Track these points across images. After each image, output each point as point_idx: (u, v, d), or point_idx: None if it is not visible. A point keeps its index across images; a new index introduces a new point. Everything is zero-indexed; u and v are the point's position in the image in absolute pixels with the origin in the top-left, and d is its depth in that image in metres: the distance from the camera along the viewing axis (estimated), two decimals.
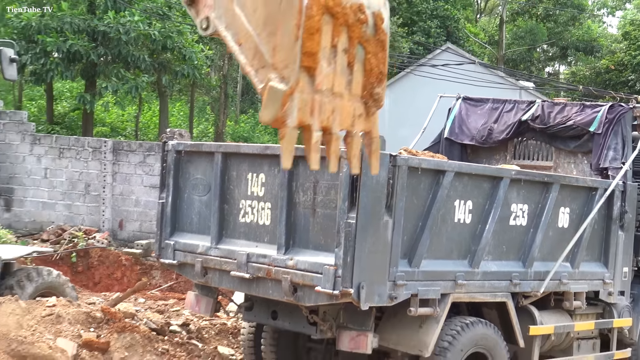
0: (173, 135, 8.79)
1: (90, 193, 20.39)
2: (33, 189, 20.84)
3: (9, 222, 20.61)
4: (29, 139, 20.89)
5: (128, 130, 30.98)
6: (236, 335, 10.28)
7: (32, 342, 7.37)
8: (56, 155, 20.74)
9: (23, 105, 29.60)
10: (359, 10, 3.90)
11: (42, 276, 10.52)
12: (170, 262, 8.61)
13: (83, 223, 20.23)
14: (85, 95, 23.09)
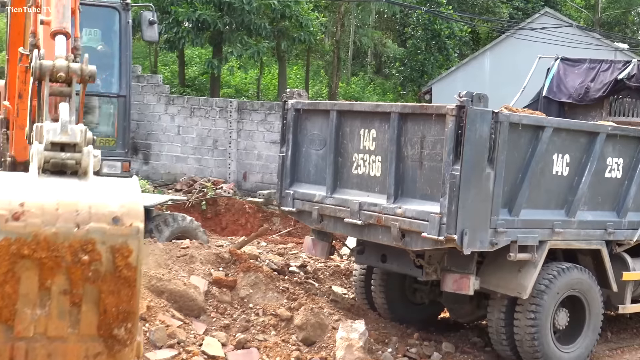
0: (292, 95, 8.83)
1: (218, 148, 20.73)
2: (167, 145, 21.32)
3: (147, 174, 21.19)
4: (163, 100, 21.34)
5: (250, 92, 31.28)
6: (348, 277, 10.35)
7: (169, 279, 7.56)
8: (187, 115, 21.13)
9: (158, 70, 30.20)
10: (82, 250, 3.18)
11: (177, 221, 10.78)
12: (290, 210, 8.72)
13: (211, 175, 20.61)
14: (213, 61, 23.40)
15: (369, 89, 36.01)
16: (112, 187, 3.36)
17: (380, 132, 7.79)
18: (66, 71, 3.94)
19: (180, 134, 21.18)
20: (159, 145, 21.37)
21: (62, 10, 4.48)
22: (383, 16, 39.64)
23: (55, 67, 3.91)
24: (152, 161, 21.46)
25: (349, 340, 7.32)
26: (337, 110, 8.23)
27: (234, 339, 7.30)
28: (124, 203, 3.24)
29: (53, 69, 3.91)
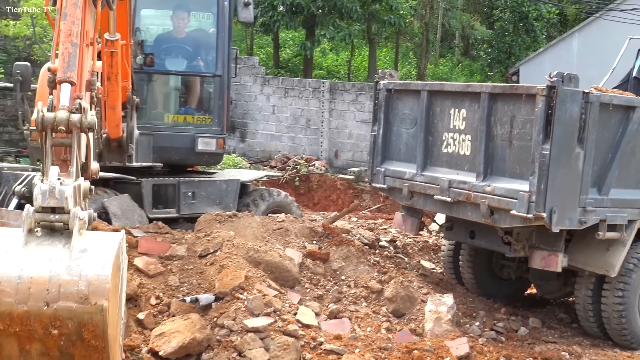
0: (384, 75, 8.78)
1: (310, 127, 20.81)
2: (263, 123, 21.53)
3: (244, 151, 21.47)
4: (259, 80, 21.53)
5: (341, 73, 31.25)
6: (437, 252, 10.28)
7: (266, 251, 7.64)
8: (282, 95, 21.27)
9: (254, 52, 30.46)
10: (52, 325, 3.41)
11: (273, 196, 10.88)
12: (381, 186, 8.69)
13: (304, 152, 20.73)
14: (306, 43, 23.48)
15: (456, 70, 35.53)
16: (90, 256, 3.52)
17: (470, 112, 7.67)
18: (66, 124, 4.02)
19: (275, 113, 21.35)
20: (255, 124, 21.60)
21: (68, 58, 4.41)
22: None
23: (56, 120, 4.00)
24: (249, 139, 21.72)
25: (437, 313, 7.29)
26: (428, 90, 8.14)
27: (327, 309, 7.34)
28: (92, 281, 3.44)
29: (54, 122, 4.00)
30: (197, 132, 10.18)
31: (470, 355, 6.73)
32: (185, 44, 10.49)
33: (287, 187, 17.84)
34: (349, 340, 6.71)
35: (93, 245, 3.66)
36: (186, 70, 10.46)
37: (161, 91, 10.43)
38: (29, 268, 3.49)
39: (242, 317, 6.41)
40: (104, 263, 3.57)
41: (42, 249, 3.60)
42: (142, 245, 7.41)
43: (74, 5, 4.54)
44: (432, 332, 7.13)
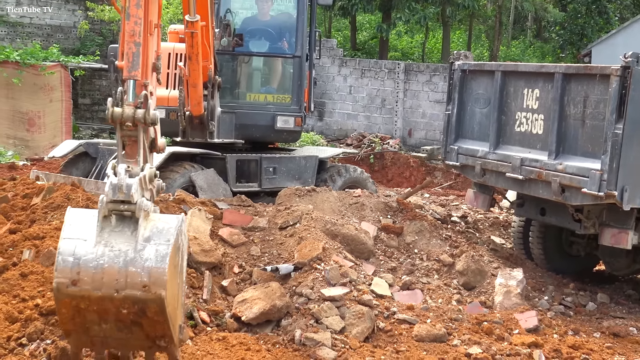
0: (459, 56, 8.64)
1: (385, 106, 20.70)
2: (340, 103, 21.50)
3: (321, 129, 21.50)
4: (337, 62, 21.48)
5: (415, 55, 30.93)
6: (507, 228, 10.12)
7: (342, 224, 7.64)
8: (358, 76, 21.19)
9: (332, 35, 30.38)
10: (122, 306, 4.08)
11: (349, 172, 10.86)
12: (454, 164, 8.59)
13: (379, 131, 20.65)
14: (383, 25, 23.31)
15: (528, 52, 34.74)
16: (152, 248, 4.16)
17: (543, 92, 7.50)
18: (132, 119, 4.43)
19: (352, 94, 21.29)
20: (332, 104, 21.59)
21: (132, 57, 4.63)
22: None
23: (124, 116, 4.42)
24: (326, 118, 21.73)
25: (507, 286, 7.19)
26: (502, 70, 7.98)
27: (400, 280, 7.31)
28: (152, 273, 4.08)
29: (122, 118, 4.44)
30: (276, 111, 10.24)
31: (538, 329, 6.62)
32: (268, 27, 10.53)
33: (362, 164, 17.81)
34: (420, 311, 6.68)
35: (155, 235, 4.24)
36: (268, 51, 10.51)
37: (244, 71, 10.50)
38: (102, 260, 4.10)
39: (319, 287, 6.44)
40: (163, 256, 4.14)
41: (114, 237, 4.20)
42: (227, 217, 7.50)
43: (135, 6, 4.69)
44: (502, 305, 7.04)
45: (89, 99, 21.42)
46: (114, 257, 4.13)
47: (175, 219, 4.36)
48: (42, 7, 20.36)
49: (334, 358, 5.71)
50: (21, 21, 19.86)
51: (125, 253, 4.16)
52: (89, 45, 20.76)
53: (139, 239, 4.19)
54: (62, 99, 17.98)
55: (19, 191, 7.61)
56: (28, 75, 17.13)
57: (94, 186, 8.12)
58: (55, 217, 6.82)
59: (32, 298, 5.77)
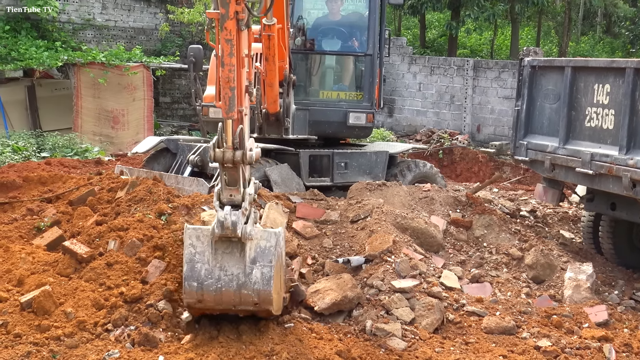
0: (529, 52, 8.47)
1: (454, 103, 20.46)
2: (409, 100, 21.35)
3: (391, 125, 21.39)
4: (407, 59, 21.34)
5: (484, 52, 30.47)
6: (576, 222, 9.87)
7: (412, 218, 7.58)
8: (428, 73, 21.00)
9: (401, 33, 30.18)
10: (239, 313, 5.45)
11: (419, 167, 10.77)
12: (523, 159, 8.43)
13: (448, 127, 20.43)
14: (452, 23, 23.03)
15: (597, 47, 33.80)
16: (258, 272, 5.26)
17: (614, 87, 7.27)
18: (231, 161, 5.12)
19: (421, 90, 21.13)
20: (402, 100, 21.47)
21: (228, 101, 5.05)
22: None
23: (225, 158, 5.11)
24: (396, 114, 21.62)
25: (577, 280, 7.01)
26: (572, 66, 7.78)
27: (469, 273, 7.22)
28: (261, 294, 5.25)
29: (223, 160, 5.12)
30: (348, 107, 10.24)
31: (608, 323, 6.45)
32: (340, 26, 10.53)
33: (431, 159, 17.65)
34: (489, 304, 6.58)
35: (259, 256, 5.27)
36: (340, 50, 10.52)
37: (317, 70, 10.52)
38: (220, 284, 5.24)
39: (389, 278, 6.41)
40: (268, 279, 5.25)
41: (226, 259, 5.27)
42: (300, 211, 7.53)
43: (229, 55, 5.01)
44: (571, 298, 6.88)
45: (169, 98, 21.80)
46: (229, 281, 5.23)
47: (274, 236, 5.30)
48: (126, 10, 20.82)
49: (404, 348, 5.68)
50: (106, 24, 20.34)
51: (237, 277, 5.24)
52: (169, 46, 21.13)
53: (247, 261, 5.24)
54: (145, 97, 18.36)
55: (104, 185, 7.80)
56: (113, 75, 17.54)
57: (174, 180, 8.26)
58: (138, 209, 6.96)
59: (117, 286, 5.91)
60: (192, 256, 5.26)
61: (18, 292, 5.85)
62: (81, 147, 15.34)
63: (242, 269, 5.22)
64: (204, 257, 5.24)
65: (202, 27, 20.05)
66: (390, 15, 30.83)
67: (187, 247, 5.27)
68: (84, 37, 19.90)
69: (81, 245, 6.38)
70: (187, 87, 21.00)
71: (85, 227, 6.88)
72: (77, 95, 17.37)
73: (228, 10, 4.95)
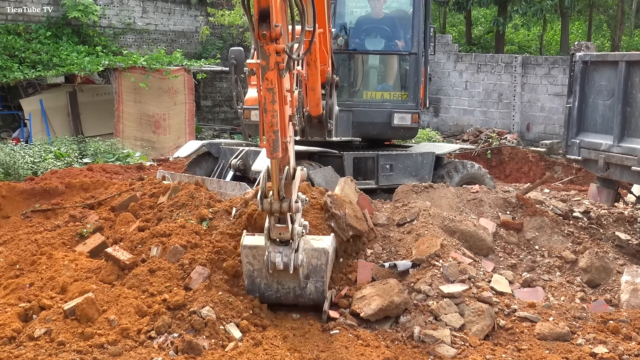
0: (580, 47, 8.33)
1: (502, 101, 20.25)
2: (455, 99, 21.20)
3: (437, 125, 21.26)
4: (452, 57, 21.18)
5: (532, 48, 30.13)
6: (632, 223, 9.66)
7: (460, 221, 7.50)
8: (474, 71, 20.82)
9: (447, 31, 29.99)
10: None
11: (467, 168, 10.67)
12: (576, 158, 8.29)
13: (496, 126, 20.22)
14: (499, 19, 22.82)
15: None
16: (312, 284, 6.01)
17: None
18: (279, 212, 5.58)
19: (467, 89, 20.95)
20: (448, 99, 21.32)
21: (272, 144, 5.26)
22: None
23: (272, 209, 5.58)
24: (442, 114, 21.48)
25: (634, 284, 6.85)
26: (627, 60, 7.63)
27: (521, 277, 7.11)
28: (315, 301, 6.06)
29: (270, 210, 5.58)
30: (393, 108, 10.17)
31: None
32: (383, 25, 10.48)
33: (479, 159, 17.48)
34: (542, 309, 6.47)
35: (312, 273, 6.01)
36: (384, 49, 10.46)
37: (360, 70, 10.49)
38: (280, 294, 6.07)
39: (437, 283, 6.35)
40: (321, 292, 6.01)
41: (282, 275, 5.95)
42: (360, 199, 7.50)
43: (271, 102, 5.15)
44: (629, 303, 6.72)
45: (211, 101, 21.99)
46: (286, 293, 5.97)
47: (324, 255, 5.96)
48: (166, 14, 21.05)
49: (453, 355, 5.61)
50: (147, 28, 20.60)
51: (294, 290, 5.96)
52: (210, 49, 21.31)
53: (301, 277, 5.92)
54: (186, 101, 18.54)
55: (146, 190, 7.88)
56: (154, 79, 17.75)
57: (216, 185, 8.31)
58: (180, 215, 7.01)
59: (160, 293, 5.96)
60: (251, 273, 5.95)
61: (61, 300, 5.94)
62: (123, 152, 15.55)
63: (297, 283, 5.93)
64: (262, 273, 5.93)
65: (242, 29, 20.18)
66: (435, 12, 30.65)
67: (245, 264, 5.94)
68: (124, 41, 20.18)
69: (124, 252, 6.45)
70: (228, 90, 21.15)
71: (128, 234, 6.96)
72: (119, 100, 17.61)
73: (269, 62, 5.00)
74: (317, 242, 6.08)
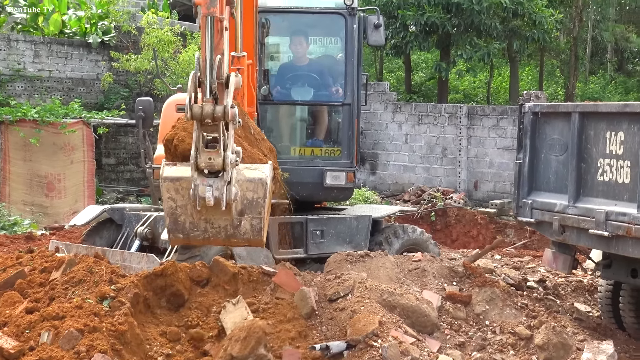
0: (530, 97, 8.63)
1: (447, 156, 20.65)
2: (395, 154, 21.53)
3: (374, 184, 21.51)
4: (390, 107, 21.59)
5: (479, 96, 30.96)
6: (592, 293, 9.92)
7: (401, 294, 7.56)
8: (415, 122, 21.24)
9: (384, 77, 30.61)
10: None
11: (407, 233, 10.77)
12: (528, 220, 8.49)
13: (440, 184, 20.56)
14: (441, 64, 23.41)
15: (609, 88, 34.51)
16: (247, 222, 6.01)
17: (629, 135, 7.40)
18: (211, 116, 5.43)
19: (408, 142, 21.32)
20: (386, 155, 21.63)
21: None
22: (625, 8, 37.87)
23: (204, 113, 5.43)
24: (379, 171, 21.76)
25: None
26: (580, 111, 7.91)
27: (470, 357, 7.18)
28: (251, 242, 6.14)
29: (201, 115, 5.44)
30: (325, 166, 10.24)
31: None
32: (311, 72, 10.61)
33: (422, 222, 17.71)
34: None
35: (248, 209, 5.83)
36: (313, 99, 10.57)
37: (287, 122, 10.58)
38: (208, 234, 5.98)
39: None
40: (258, 230, 5.94)
41: (211, 212, 5.79)
42: (280, 277, 7.45)
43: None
44: None
45: (114, 159, 21.79)
46: (216, 233, 5.79)
47: (262, 188, 5.81)
48: (62, 58, 20.94)
49: None
50: (39, 75, 20.42)
51: (225, 229, 5.79)
52: (113, 98, 21.22)
53: (234, 214, 5.74)
54: (85, 159, 18.34)
55: (36, 265, 7.71)
56: (47, 134, 17.54)
57: (119, 257, 8.20)
58: (77, 293, 6.88)
59: None
60: (174, 210, 5.78)
61: None
62: (9, 220, 15.22)
63: (229, 222, 5.80)
64: (186, 211, 5.77)
65: (151, 76, 20.20)
66: (369, 56, 31.32)
67: (166, 201, 5.79)
68: (12, 90, 19.95)
69: (8, 339, 6.27)
70: (134, 145, 21.02)
71: (14, 317, 6.78)
72: (5, 159, 17.32)
73: None
74: (253, 172, 5.90)
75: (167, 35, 19.77)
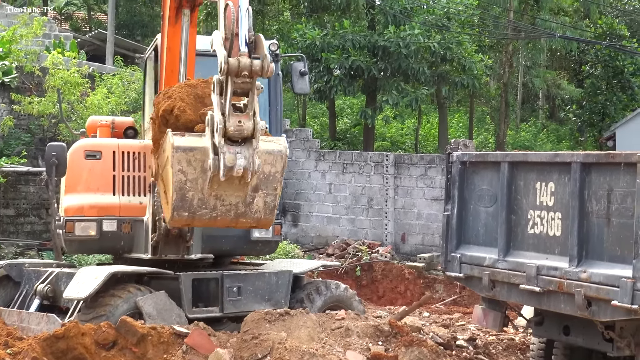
0: (457, 146, 8.76)
1: (373, 207, 20.78)
2: (318, 204, 21.58)
3: (296, 237, 21.49)
4: (313, 155, 21.68)
5: (407, 144, 31.36)
6: (525, 351, 10.04)
7: (323, 355, 7.54)
8: (339, 171, 21.36)
9: (307, 123, 30.79)
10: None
11: (331, 289, 10.76)
12: (457, 275, 8.57)
13: (366, 237, 20.66)
14: (367, 110, 23.65)
15: (541, 136, 35.35)
16: (261, 199, 6.01)
17: (559, 186, 7.57)
18: (249, 69, 5.52)
19: (332, 193, 21.40)
20: (309, 206, 21.66)
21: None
22: (556, 54, 39.00)
23: (241, 65, 5.52)
24: (302, 223, 21.75)
25: None
26: (509, 161, 8.08)
27: None
28: (260, 221, 6.51)
29: (238, 68, 5.51)
30: None
31: None
32: None
33: (347, 278, 17.74)
34: None
35: (263, 184, 5.82)
36: None
37: None
38: (216, 213, 6.08)
39: None
40: (271, 208, 6.08)
41: (223, 187, 5.89)
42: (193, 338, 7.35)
43: None
44: None
45: (13, 210, 21.33)
46: (226, 211, 5.78)
47: (280, 160, 5.85)
48: None
49: None
50: None
51: (236, 206, 5.80)
52: (13, 144, 20.83)
53: (249, 189, 5.71)
54: None
55: None
56: None
57: (17, 317, 8.01)
58: None
59: None
60: (183, 184, 5.71)
61: None
62: None
63: (241, 198, 5.80)
64: (196, 185, 5.71)
65: (56, 120, 19.94)
66: (291, 101, 31.52)
67: (176, 173, 5.69)
68: None
69: None
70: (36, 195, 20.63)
71: None
72: None
73: None
74: (270, 144, 5.85)
75: (74, 77, 19.52)
